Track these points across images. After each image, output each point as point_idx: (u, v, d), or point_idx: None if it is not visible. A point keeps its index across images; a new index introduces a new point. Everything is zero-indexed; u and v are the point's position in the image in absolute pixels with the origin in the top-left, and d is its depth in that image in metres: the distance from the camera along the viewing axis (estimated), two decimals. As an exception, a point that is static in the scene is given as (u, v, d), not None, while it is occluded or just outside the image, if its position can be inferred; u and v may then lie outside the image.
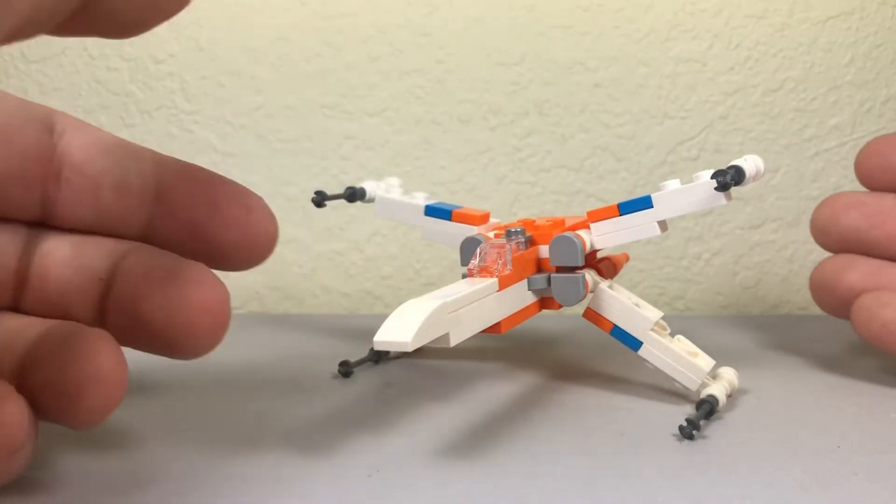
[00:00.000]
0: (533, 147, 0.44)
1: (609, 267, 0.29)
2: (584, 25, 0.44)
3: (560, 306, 0.26)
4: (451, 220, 0.30)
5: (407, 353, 0.33)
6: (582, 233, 0.26)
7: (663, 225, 0.25)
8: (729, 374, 0.26)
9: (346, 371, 0.30)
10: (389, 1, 0.44)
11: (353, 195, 0.31)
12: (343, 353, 0.31)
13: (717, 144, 0.44)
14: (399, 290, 0.45)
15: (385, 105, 0.45)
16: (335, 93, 0.45)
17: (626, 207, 0.25)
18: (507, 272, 0.24)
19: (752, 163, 0.24)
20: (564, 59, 0.44)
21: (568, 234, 0.25)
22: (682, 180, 0.25)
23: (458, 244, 0.27)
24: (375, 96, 0.44)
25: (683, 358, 0.25)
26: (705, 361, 0.25)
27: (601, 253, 0.29)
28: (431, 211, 0.30)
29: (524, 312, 0.25)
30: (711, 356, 0.26)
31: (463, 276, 0.24)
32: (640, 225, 0.25)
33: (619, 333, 0.26)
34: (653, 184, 0.43)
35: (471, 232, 0.28)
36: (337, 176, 0.45)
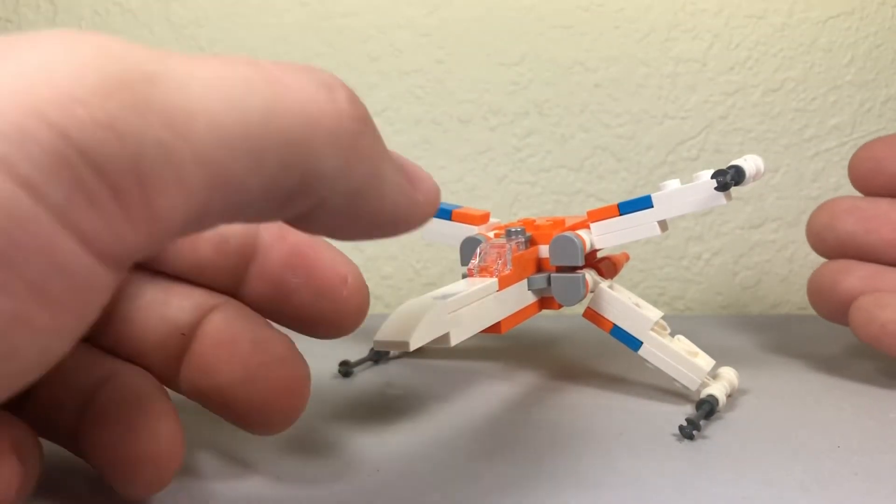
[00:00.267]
0: (533, 147, 0.44)
1: (609, 267, 0.29)
2: (584, 25, 0.44)
3: (560, 306, 0.26)
4: (451, 220, 0.30)
5: (407, 353, 0.33)
6: (582, 233, 0.26)
7: (663, 225, 0.25)
8: (729, 374, 0.26)
9: (347, 371, 0.30)
10: (389, 1, 0.44)
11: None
12: (343, 353, 0.31)
13: (717, 144, 0.44)
14: (399, 290, 0.45)
15: (385, 105, 0.45)
16: (335, 93, 0.44)
17: (626, 207, 0.25)
18: (507, 272, 0.24)
19: (752, 163, 0.24)
20: (564, 59, 0.44)
21: (568, 233, 0.25)
22: (682, 180, 0.25)
23: (458, 244, 0.27)
24: (375, 96, 0.44)
25: (683, 358, 0.25)
26: (705, 361, 0.25)
27: (601, 253, 0.29)
28: (431, 211, 0.30)
29: (524, 312, 0.25)
30: (711, 356, 0.26)
31: (463, 276, 0.24)
32: (641, 225, 0.25)
33: (619, 333, 0.26)
34: (653, 184, 0.43)
35: (471, 232, 0.28)
36: (337, 176, 0.45)
